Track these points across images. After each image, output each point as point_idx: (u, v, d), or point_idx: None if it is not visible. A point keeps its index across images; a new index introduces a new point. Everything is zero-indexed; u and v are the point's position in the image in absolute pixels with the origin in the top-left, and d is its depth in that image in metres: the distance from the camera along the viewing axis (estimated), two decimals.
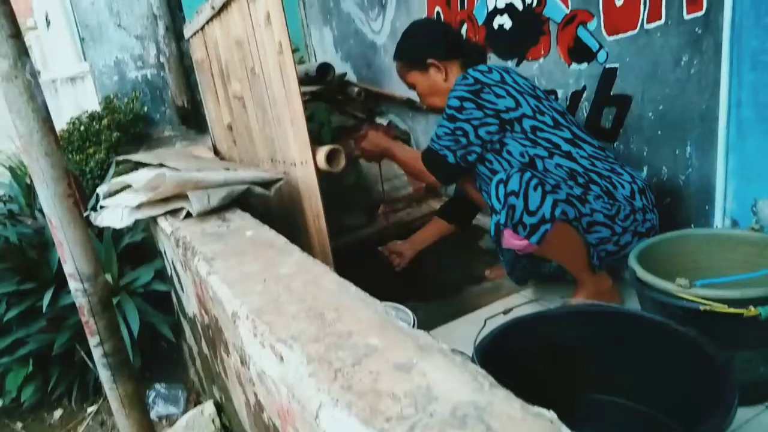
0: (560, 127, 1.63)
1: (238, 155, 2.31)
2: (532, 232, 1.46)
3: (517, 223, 1.47)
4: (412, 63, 1.85)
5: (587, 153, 1.61)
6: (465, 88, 1.65)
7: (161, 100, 2.73)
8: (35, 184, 1.17)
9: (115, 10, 2.59)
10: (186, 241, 1.35)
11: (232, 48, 1.99)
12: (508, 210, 1.47)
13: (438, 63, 1.79)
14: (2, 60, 1.08)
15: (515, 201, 1.46)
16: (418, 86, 1.86)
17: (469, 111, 1.64)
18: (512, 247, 1.52)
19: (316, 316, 0.87)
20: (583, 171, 1.58)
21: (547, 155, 1.61)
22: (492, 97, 1.62)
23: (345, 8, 3.31)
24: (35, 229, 1.87)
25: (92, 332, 1.25)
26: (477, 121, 1.64)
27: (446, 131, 1.70)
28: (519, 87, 1.65)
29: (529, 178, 1.47)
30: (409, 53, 1.86)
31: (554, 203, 1.46)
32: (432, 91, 1.84)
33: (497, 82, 1.63)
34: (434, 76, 1.81)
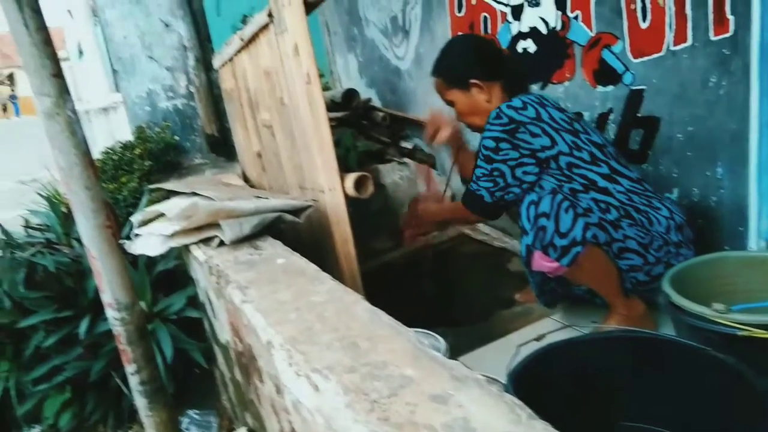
0: (597, 162, 1.60)
1: (267, 182, 2.35)
2: (563, 254, 1.45)
3: (548, 245, 1.46)
4: (452, 81, 1.80)
5: (624, 188, 1.58)
6: (499, 128, 1.62)
7: (191, 128, 2.79)
8: (75, 216, 1.21)
9: (147, 43, 2.68)
10: (219, 269, 1.37)
11: (260, 78, 2.04)
12: (539, 231, 1.46)
13: (481, 83, 1.75)
14: (45, 98, 1.13)
15: (546, 222, 1.45)
16: (458, 104, 1.82)
17: (505, 152, 1.62)
18: (542, 269, 1.51)
19: (349, 345, 0.88)
20: (620, 205, 1.55)
21: (583, 190, 1.58)
22: (527, 137, 1.59)
23: (369, 35, 3.37)
24: (72, 258, 1.92)
25: (129, 360, 1.27)
26: (513, 162, 1.62)
27: (484, 172, 1.67)
28: (555, 123, 1.61)
29: (561, 200, 1.46)
30: (450, 71, 1.82)
31: (586, 226, 1.45)
32: (472, 111, 1.79)
33: (532, 119, 1.60)
34: (476, 96, 1.77)
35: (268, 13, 1.75)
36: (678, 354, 1.13)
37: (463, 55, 1.85)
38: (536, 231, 1.46)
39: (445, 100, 1.87)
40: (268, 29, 1.82)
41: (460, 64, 1.81)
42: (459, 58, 1.84)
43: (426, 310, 2.16)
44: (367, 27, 3.38)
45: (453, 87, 1.80)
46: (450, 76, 1.81)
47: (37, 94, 1.13)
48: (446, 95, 1.84)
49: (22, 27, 1.09)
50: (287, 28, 1.66)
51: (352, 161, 2.86)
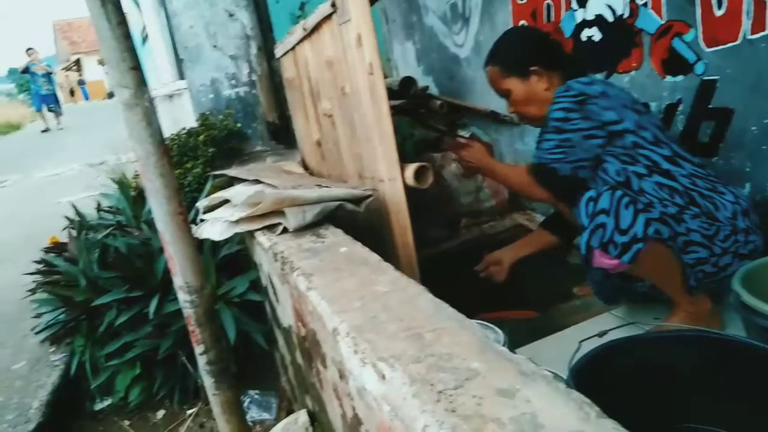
0: (660, 144, 1.56)
1: (326, 170, 2.38)
2: (624, 251, 1.42)
3: (608, 242, 1.43)
4: (512, 68, 1.77)
5: (687, 171, 1.54)
6: (569, 99, 1.59)
7: (253, 116, 2.86)
8: (150, 202, 1.27)
9: (211, 32, 2.75)
10: (284, 255, 1.41)
11: (322, 68, 2.07)
12: (598, 228, 1.43)
13: (542, 71, 1.73)
14: (125, 90, 1.18)
15: (606, 219, 1.42)
16: (515, 93, 1.78)
17: (575, 122, 1.59)
18: (603, 266, 1.49)
19: (414, 336, 0.89)
20: (683, 190, 1.51)
21: (647, 173, 1.55)
22: (597, 108, 1.56)
23: (428, 22, 3.35)
24: (142, 240, 2.01)
25: (198, 341, 1.33)
26: (585, 132, 1.58)
27: (554, 144, 1.63)
28: (622, 100, 1.59)
29: (621, 196, 1.43)
30: (510, 59, 1.78)
31: (647, 222, 1.42)
32: (529, 100, 1.77)
33: (600, 93, 1.58)
34: (535, 84, 1.75)
35: (332, 3, 1.77)
36: (748, 355, 1.10)
37: (524, 43, 1.83)
38: (595, 228, 1.44)
39: (499, 91, 1.84)
40: (331, 19, 1.84)
41: (520, 51, 1.79)
42: (519, 46, 1.82)
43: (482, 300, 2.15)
44: (426, 14, 3.36)
45: (511, 75, 1.77)
46: (509, 63, 1.78)
47: (117, 85, 1.18)
48: (502, 84, 1.80)
49: (105, 22, 1.14)
50: (350, 18, 1.68)
51: (408, 150, 2.87)
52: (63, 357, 2.04)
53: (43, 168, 7.71)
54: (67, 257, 2.11)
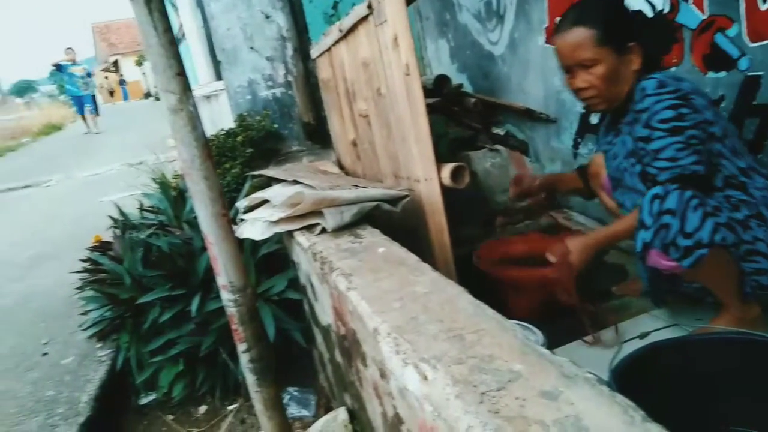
0: (737, 154, 1.47)
1: (361, 170, 2.40)
2: (686, 255, 1.35)
3: (670, 243, 1.35)
4: (611, 37, 1.52)
5: (761, 185, 1.45)
6: (671, 95, 1.43)
7: (289, 117, 2.90)
8: (195, 204, 1.30)
9: (248, 34, 2.80)
10: (323, 255, 1.43)
11: (358, 68, 2.08)
12: (661, 229, 1.35)
13: (639, 50, 1.53)
14: (171, 95, 1.21)
15: (671, 220, 1.34)
16: (602, 67, 1.53)
17: (690, 116, 1.41)
18: (658, 266, 1.43)
19: (455, 337, 0.90)
20: (754, 202, 1.42)
21: (721, 185, 1.45)
22: (699, 105, 1.43)
23: (462, 20, 3.34)
24: (183, 240, 2.06)
25: (241, 339, 1.36)
26: (703, 125, 1.42)
27: (679, 146, 1.41)
28: (709, 103, 1.47)
29: (690, 196, 1.34)
30: (614, 26, 1.53)
31: (715, 227, 1.34)
32: (615, 79, 1.54)
33: (693, 90, 1.45)
34: (628, 63, 1.54)
35: (368, 5, 1.79)
36: None
37: (629, 12, 1.60)
38: (658, 228, 1.36)
39: (577, 58, 1.56)
40: (367, 20, 1.85)
41: (628, 21, 1.58)
42: (626, 14, 1.61)
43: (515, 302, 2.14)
44: (460, 12, 3.35)
45: (607, 45, 1.52)
46: (610, 31, 1.52)
47: (163, 91, 1.21)
48: (589, 52, 1.53)
49: (152, 29, 1.18)
50: (387, 20, 1.69)
51: (443, 148, 2.87)
52: (109, 353, 2.11)
53: (84, 168, 7.93)
54: (112, 256, 2.18)
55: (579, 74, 1.59)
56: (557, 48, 1.62)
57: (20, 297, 3.02)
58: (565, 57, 1.60)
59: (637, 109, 1.49)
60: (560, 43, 1.59)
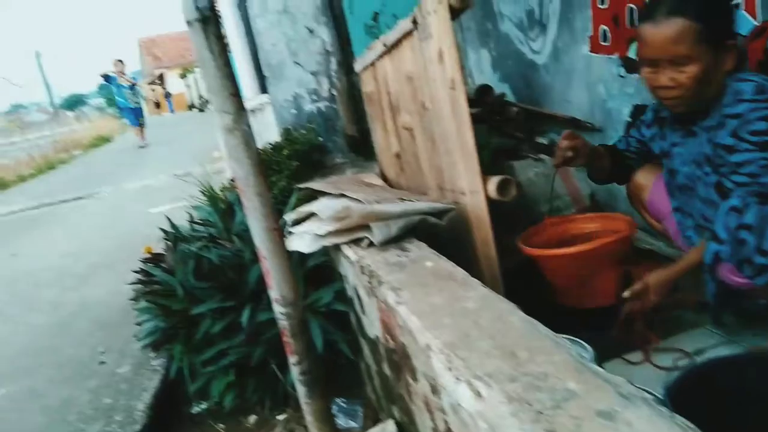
0: None
1: (405, 182, 2.42)
2: (760, 273, 1.27)
3: (744, 260, 1.28)
4: (713, 35, 1.35)
5: None
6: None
7: (333, 130, 2.95)
8: (248, 219, 1.34)
9: (293, 49, 2.86)
10: (371, 269, 1.46)
11: (402, 82, 2.11)
12: (736, 244, 1.28)
13: (735, 50, 1.39)
14: (226, 115, 1.26)
15: (747, 236, 1.26)
16: (697, 65, 1.37)
17: None
18: (727, 281, 1.37)
19: (508, 354, 0.91)
20: None
21: None
22: None
23: (504, 29, 3.34)
24: (233, 252, 2.11)
25: (292, 352, 1.39)
26: None
27: (764, 163, 1.30)
28: None
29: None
30: (718, 23, 1.37)
31: None
32: (706, 80, 1.39)
33: None
34: (723, 63, 1.38)
35: (413, 20, 1.81)
36: None
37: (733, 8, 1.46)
38: (734, 243, 1.28)
39: (670, 52, 1.38)
40: (411, 35, 1.87)
41: (731, 18, 1.44)
42: (731, 9, 1.47)
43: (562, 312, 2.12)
44: (502, 21, 3.35)
45: (706, 42, 1.35)
46: (713, 28, 1.35)
47: (219, 111, 1.26)
48: (687, 48, 1.36)
49: (208, 52, 1.22)
50: (432, 35, 1.71)
51: (485, 158, 2.86)
52: (163, 362, 2.18)
53: (133, 179, 8.19)
54: (165, 268, 2.25)
55: (666, 70, 1.41)
56: (645, 37, 1.41)
57: (77, 306, 3.15)
58: (655, 49, 1.40)
59: (727, 114, 1.38)
60: (651, 33, 1.39)
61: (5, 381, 2.36)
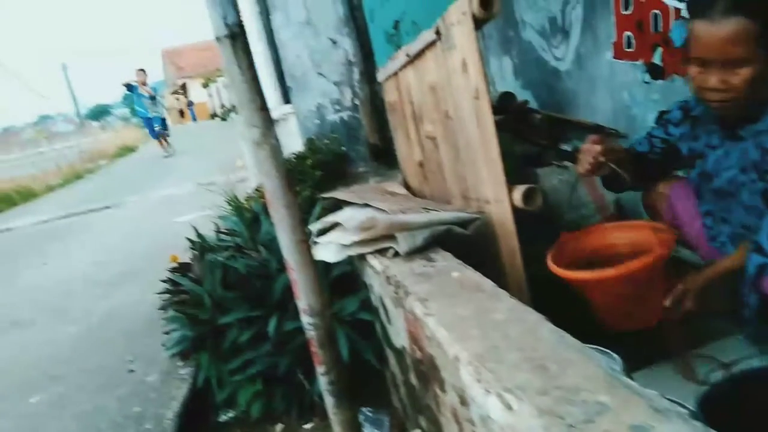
0: None
1: (428, 191, 2.43)
2: None
3: None
4: None
5: None
6: None
7: (356, 139, 2.97)
8: (277, 232, 1.36)
9: (316, 60, 2.89)
10: (397, 279, 1.46)
11: (425, 92, 2.12)
12: None
13: None
14: (254, 129, 1.28)
15: None
16: (753, 68, 1.30)
17: None
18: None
19: (538, 367, 0.91)
20: None
21: None
22: None
23: (526, 37, 3.33)
24: (259, 262, 2.14)
25: (320, 362, 1.40)
26: None
27: None
28: None
29: None
30: None
31: None
32: (761, 84, 1.33)
33: None
34: None
35: (436, 31, 1.82)
36: None
37: None
38: None
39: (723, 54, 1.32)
40: (434, 46, 1.88)
41: None
42: None
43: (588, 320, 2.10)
44: (524, 29, 3.35)
45: (763, 45, 1.29)
46: None
47: (247, 125, 1.28)
48: (745, 49, 1.29)
49: (237, 68, 1.25)
50: (455, 45, 1.72)
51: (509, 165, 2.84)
52: (191, 371, 2.21)
53: (157, 188, 8.31)
54: (192, 278, 2.28)
55: (717, 71, 1.34)
56: (698, 35, 1.34)
57: (105, 315, 3.20)
58: (708, 48, 1.32)
59: None
60: (705, 31, 1.31)
61: (38, 388, 2.41)
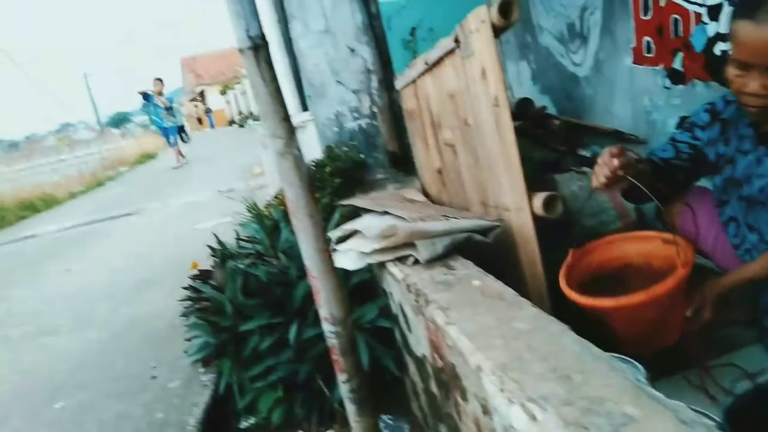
0: None
1: (447, 197, 2.43)
2: None
3: None
4: None
5: None
6: None
7: (374, 146, 2.98)
8: (299, 240, 1.37)
9: (335, 68, 2.91)
10: (418, 287, 1.47)
11: (443, 99, 2.12)
12: None
13: None
14: (278, 139, 1.30)
15: None
16: None
17: None
18: None
19: (563, 377, 0.91)
20: None
21: None
22: None
23: (543, 42, 3.33)
24: (280, 269, 2.16)
25: (341, 370, 1.41)
26: None
27: None
28: None
29: None
30: None
31: None
32: None
33: None
34: None
35: (454, 39, 1.83)
36: None
37: None
38: None
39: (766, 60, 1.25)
40: (453, 53, 1.89)
41: None
42: None
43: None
44: (541, 34, 3.34)
45: None
46: None
47: (271, 135, 1.30)
48: None
49: (260, 79, 1.27)
50: (474, 53, 1.72)
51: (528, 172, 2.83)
52: (212, 378, 2.23)
53: (178, 195, 8.40)
54: (214, 285, 2.31)
55: (759, 76, 1.28)
56: (741, 36, 1.28)
57: (129, 321, 3.25)
58: (751, 51, 1.26)
59: None
60: (749, 33, 1.25)
61: (63, 394, 2.45)
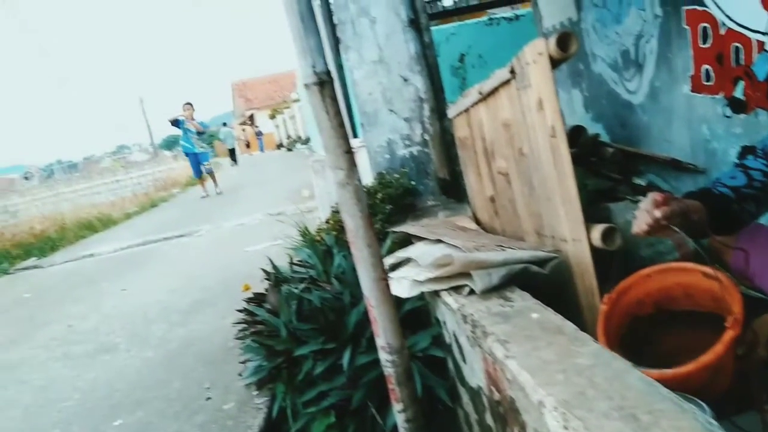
0: None
1: (500, 226, 2.42)
2: None
3: None
4: None
5: None
6: None
7: (425, 173, 3.01)
8: (358, 269, 1.40)
9: (388, 97, 2.96)
10: (474, 318, 1.47)
11: (498, 128, 2.13)
12: None
13: None
14: (339, 171, 1.34)
15: None
16: None
17: None
18: None
19: (629, 417, 0.89)
20: None
21: None
22: None
23: (596, 69, 3.31)
24: (333, 294, 2.19)
25: (397, 399, 1.42)
26: None
27: None
28: None
29: None
30: None
31: None
32: None
33: None
34: None
35: (510, 70, 1.84)
36: None
37: None
38: None
39: None
40: (509, 84, 1.91)
41: None
42: None
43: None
44: (594, 62, 3.32)
45: None
46: None
47: (333, 167, 1.34)
48: None
49: (324, 114, 1.31)
50: (531, 84, 1.73)
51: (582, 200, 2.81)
52: (266, 401, 2.26)
53: (228, 218, 8.59)
54: (269, 309, 2.35)
55: None
56: None
57: (183, 342, 3.32)
58: None
59: None
60: None
61: (121, 412, 2.52)
